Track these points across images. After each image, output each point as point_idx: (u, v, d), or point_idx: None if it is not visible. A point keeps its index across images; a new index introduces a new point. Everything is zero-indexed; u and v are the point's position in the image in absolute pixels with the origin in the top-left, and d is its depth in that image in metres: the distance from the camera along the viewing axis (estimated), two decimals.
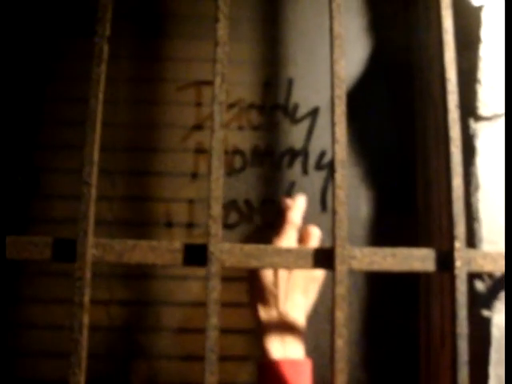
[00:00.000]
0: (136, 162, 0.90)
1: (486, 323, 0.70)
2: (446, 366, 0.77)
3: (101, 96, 0.65)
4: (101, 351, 0.86)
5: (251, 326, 0.80)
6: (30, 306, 0.88)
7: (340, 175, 0.65)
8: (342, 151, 0.66)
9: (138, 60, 0.91)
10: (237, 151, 0.88)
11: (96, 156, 0.65)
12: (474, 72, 0.73)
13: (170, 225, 0.88)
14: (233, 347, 0.85)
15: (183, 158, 0.89)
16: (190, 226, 0.88)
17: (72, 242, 0.63)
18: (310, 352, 0.77)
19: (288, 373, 0.68)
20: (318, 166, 0.87)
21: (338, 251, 0.64)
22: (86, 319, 0.62)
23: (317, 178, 0.87)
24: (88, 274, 0.63)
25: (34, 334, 0.88)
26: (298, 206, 0.78)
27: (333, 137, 0.65)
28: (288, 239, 0.75)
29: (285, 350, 0.70)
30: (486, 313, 0.71)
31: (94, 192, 0.64)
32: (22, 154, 0.90)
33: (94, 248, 0.64)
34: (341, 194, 0.65)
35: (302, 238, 0.77)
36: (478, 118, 0.73)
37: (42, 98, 0.90)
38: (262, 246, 0.64)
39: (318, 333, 0.84)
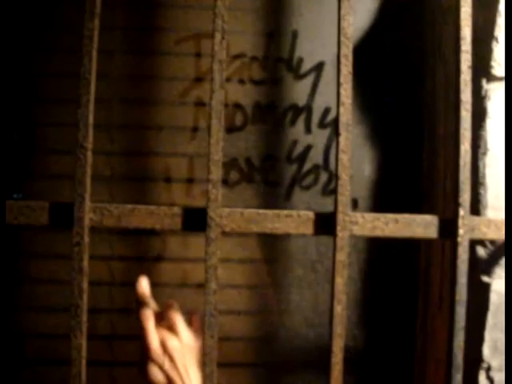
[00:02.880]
0: (134, 115, 0.88)
1: (484, 289, 0.71)
2: (442, 328, 0.78)
3: (95, 54, 0.62)
4: (102, 306, 0.87)
5: None
6: (32, 262, 0.88)
7: (344, 138, 0.62)
8: (346, 113, 0.63)
9: (134, 9, 0.86)
10: (238, 107, 0.85)
11: (91, 118, 0.62)
12: (490, 29, 0.69)
13: (169, 180, 0.86)
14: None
15: (183, 111, 0.87)
16: (189, 181, 0.87)
17: (70, 207, 0.62)
18: (309, 312, 0.78)
19: None
20: (322, 124, 0.84)
21: (340, 217, 0.62)
22: (85, 284, 0.62)
23: (320, 136, 0.85)
24: (86, 239, 0.62)
25: (36, 289, 0.89)
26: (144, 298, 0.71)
27: (338, 98, 0.62)
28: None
29: None
30: (485, 279, 0.71)
31: (90, 156, 0.63)
32: (18, 108, 0.87)
33: (91, 212, 0.63)
34: (344, 158, 0.63)
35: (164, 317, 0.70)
36: (492, 79, 0.70)
37: (39, 51, 0.86)
38: (262, 211, 0.63)
39: (317, 293, 0.84)
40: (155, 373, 0.70)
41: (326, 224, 0.64)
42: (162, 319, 0.71)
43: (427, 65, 0.86)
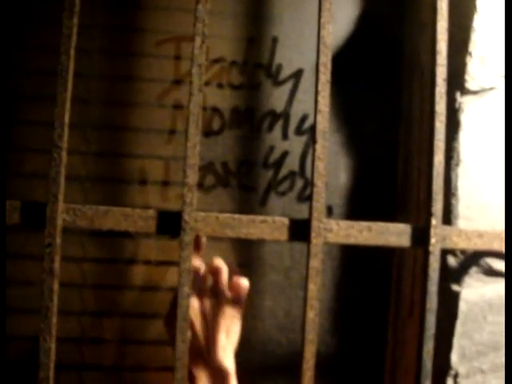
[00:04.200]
0: (111, 116, 0.87)
1: (454, 297, 0.72)
2: (412, 335, 0.79)
3: (72, 52, 0.61)
4: (74, 308, 0.86)
5: None
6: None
7: (320, 146, 0.63)
8: (324, 121, 0.64)
9: (115, 9, 0.85)
10: (215, 111, 0.85)
11: (67, 117, 0.62)
12: (465, 44, 0.70)
13: (144, 182, 0.86)
14: None
15: (160, 114, 0.86)
16: (165, 183, 0.86)
17: (42, 206, 0.61)
18: (282, 318, 0.78)
19: None
20: (299, 131, 0.85)
21: (314, 224, 0.63)
22: (56, 286, 0.61)
23: (297, 143, 0.85)
24: (58, 241, 0.61)
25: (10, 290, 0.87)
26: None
27: (315, 106, 0.63)
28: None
29: None
30: (455, 287, 0.72)
31: (64, 156, 0.62)
32: None
33: (64, 213, 0.62)
34: (320, 165, 0.64)
35: (211, 272, 0.71)
36: (465, 92, 0.72)
37: (15, 48, 0.85)
38: (237, 216, 0.63)
39: (290, 299, 0.85)
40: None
41: (300, 230, 0.64)
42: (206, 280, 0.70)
43: (404, 76, 0.87)
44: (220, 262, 0.69)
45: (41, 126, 0.85)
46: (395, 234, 0.67)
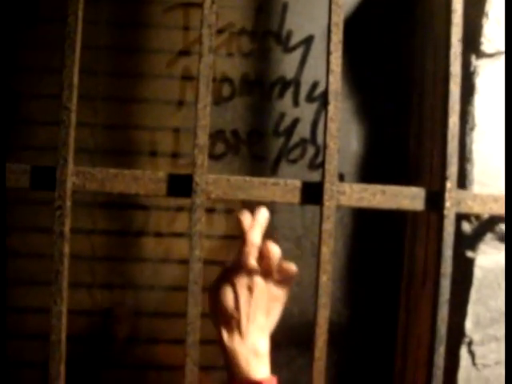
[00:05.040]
0: (119, 87, 0.86)
1: (469, 264, 0.71)
2: (425, 304, 0.78)
3: (80, 14, 0.61)
4: (84, 280, 0.86)
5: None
6: (10, 235, 0.86)
7: (333, 107, 0.62)
8: (336, 82, 0.63)
9: None
10: (225, 79, 0.84)
11: (76, 79, 0.61)
12: (481, 4, 0.69)
13: (154, 154, 0.85)
14: None
15: (169, 84, 0.85)
16: (174, 155, 0.86)
17: (52, 170, 0.61)
18: (294, 287, 0.77)
19: None
20: (310, 98, 0.84)
21: (327, 186, 0.62)
22: (66, 249, 0.61)
23: (308, 109, 0.84)
24: (68, 203, 0.60)
25: (13, 262, 0.87)
26: (258, 224, 0.70)
27: (327, 66, 0.62)
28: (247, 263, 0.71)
29: (249, 369, 0.69)
30: (470, 254, 0.71)
31: (73, 117, 0.61)
32: (0, 78, 0.85)
33: (74, 176, 0.61)
34: (333, 126, 0.63)
35: (262, 254, 0.71)
36: (481, 55, 0.70)
37: (24, 19, 0.84)
38: (248, 178, 0.63)
39: (302, 268, 0.83)
40: (228, 296, 0.69)
41: (312, 193, 0.63)
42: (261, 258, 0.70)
43: (417, 41, 0.86)
44: (274, 246, 0.69)
45: (48, 100, 0.85)
46: (409, 198, 0.66)
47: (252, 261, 0.69)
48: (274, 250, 0.69)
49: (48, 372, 0.61)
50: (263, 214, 0.71)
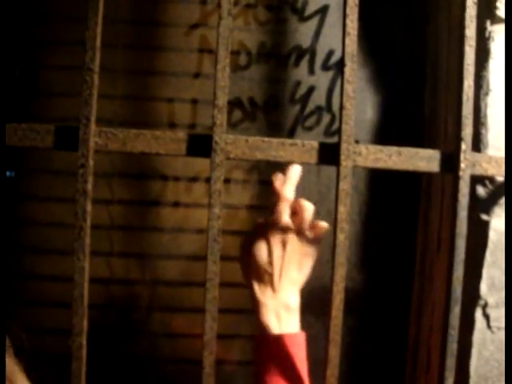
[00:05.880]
0: (138, 60, 0.87)
1: (483, 227, 0.71)
2: (440, 270, 0.79)
3: None
4: (102, 249, 0.87)
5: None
6: (31, 204, 0.88)
7: (349, 69, 0.63)
8: (352, 44, 0.63)
9: None
10: (242, 48, 0.85)
11: (98, 41, 0.63)
12: None
13: (173, 125, 0.87)
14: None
15: (187, 56, 0.87)
16: (192, 126, 0.87)
17: (75, 130, 0.62)
18: None
19: (283, 348, 0.69)
20: (325, 66, 0.85)
21: (344, 146, 0.63)
22: (88, 206, 0.62)
23: (323, 77, 0.85)
24: (91, 162, 0.62)
25: (35, 230, 0.89)
26: (291, 180, 0.72)
27: (344, 29, 0.63)
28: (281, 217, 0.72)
29: (281, 325, 0.71)
30: (484, 217, 0.72)
31: (96, 78, 0.63)
32: (20, 50, 0.86)
33: (96, 136, 0.63)
34: (349, 88, 0.64)
35: (295, 211, 0.73)
36: (496, 20, 0.71)
37: None
38: (267, 139, 0.64)
39: None
40: (262, 250, 0.71)
41: (329, 154, 0.64)
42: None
43: (431, 6, 0.86)
44: (307, 203, 0.70)
45: (69, 72, 0.86)
46: (425, 159, 0.66)
47: (286, 217, 0.71)
48: (307, 207, 0.71)
49: (72, 327, 0.63)
50: (296, 171, 0.73)
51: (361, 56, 0.85)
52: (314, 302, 0.78)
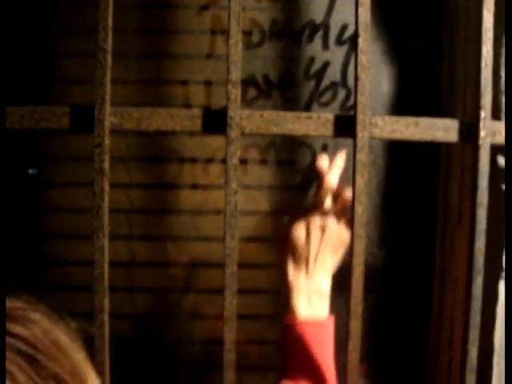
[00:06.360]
0: (149, 44, 0.87)
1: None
2: (462, 241, 0.78)
3: None
4: (122, 233, 0.88)
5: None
6: (51, 191, 0.89)
7: (363, 39, 0.62)
8: (365, 14, 0.63)
9: None
10: (254, 25, 0.84)
11: (110, 21, 0.63)
12: None
13: (188, 106, 0.87)
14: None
15: (199, 38, 0.86)
16: (207, 108, 0.87)
17: (90, 110, 0.63)
18: None
19: (312, 333, 0.70)
20: (339, 41, 0.84)
21: (360, 118, 0.62)
22: (106, 186, 0.63)
23: (338, 53, 0.84)
24: (107, 142, 0.62)
25: (56, 217, 0.90)
26: (336, 168, 0.73)
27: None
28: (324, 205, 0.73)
29: (311, 309, 0.71)
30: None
31: (109, 58, 0.63)
32: (36, 38, 0.87)
33: (112, 116, 0.63)
34: (363, 59, 0.63)
35: (337, 197, 0.74)
36: None
37: None
38: (282, 113, 0.64)
39: None
40: (300, 233, 0.72)
41: (345, 126, 0.64)
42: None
43: None
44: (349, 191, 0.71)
45: (84, 59, 0.87)
46: (443, 129, 0.66)
47: (328, 203, 0.72)
48: (349, 194, 0.70)
49: (93, 305, 0.63)
50: (342, 158, 0.73)
51: (375, 28, 0.83)
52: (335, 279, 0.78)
